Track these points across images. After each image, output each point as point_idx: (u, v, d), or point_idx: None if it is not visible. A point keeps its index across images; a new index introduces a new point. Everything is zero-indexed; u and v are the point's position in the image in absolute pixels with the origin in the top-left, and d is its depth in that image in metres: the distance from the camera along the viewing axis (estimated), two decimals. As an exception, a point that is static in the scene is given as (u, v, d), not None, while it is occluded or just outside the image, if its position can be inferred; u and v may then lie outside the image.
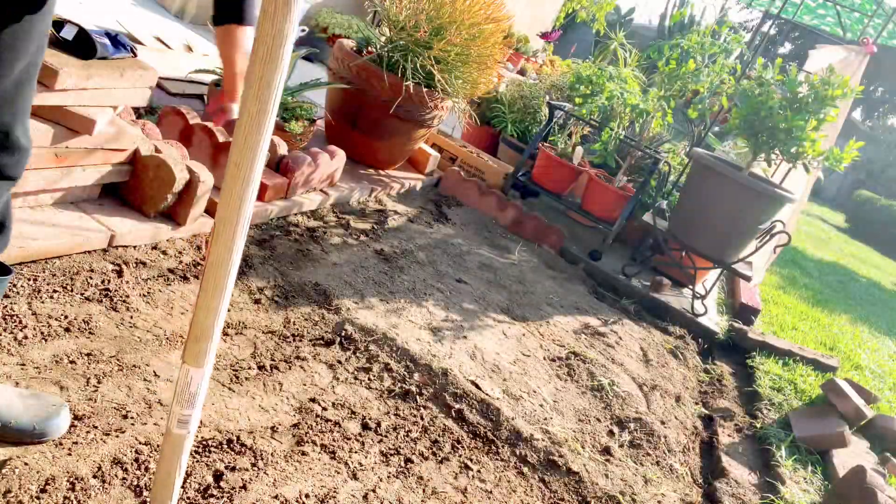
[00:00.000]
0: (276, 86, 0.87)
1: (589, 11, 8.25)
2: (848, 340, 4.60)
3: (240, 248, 0.94)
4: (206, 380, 0.99)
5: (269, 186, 2.48)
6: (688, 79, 4.06)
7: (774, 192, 3.48)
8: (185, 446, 1.02)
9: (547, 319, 2.88)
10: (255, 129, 0.87)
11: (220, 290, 0.94)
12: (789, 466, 2.46)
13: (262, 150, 0.89)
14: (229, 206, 0.89)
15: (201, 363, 0.96)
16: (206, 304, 0.93)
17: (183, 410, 0.98)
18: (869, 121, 26.65)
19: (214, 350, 0.98)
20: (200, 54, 3.87)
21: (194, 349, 0.96)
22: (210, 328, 0.95)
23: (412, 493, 1.57)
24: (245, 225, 0.93)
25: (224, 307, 0.96)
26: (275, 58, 0.86)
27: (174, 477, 1.03)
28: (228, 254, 0.92)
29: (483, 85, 3.52)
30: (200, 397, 0.99)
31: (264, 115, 0.87)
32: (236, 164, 0.88)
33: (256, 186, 0.93)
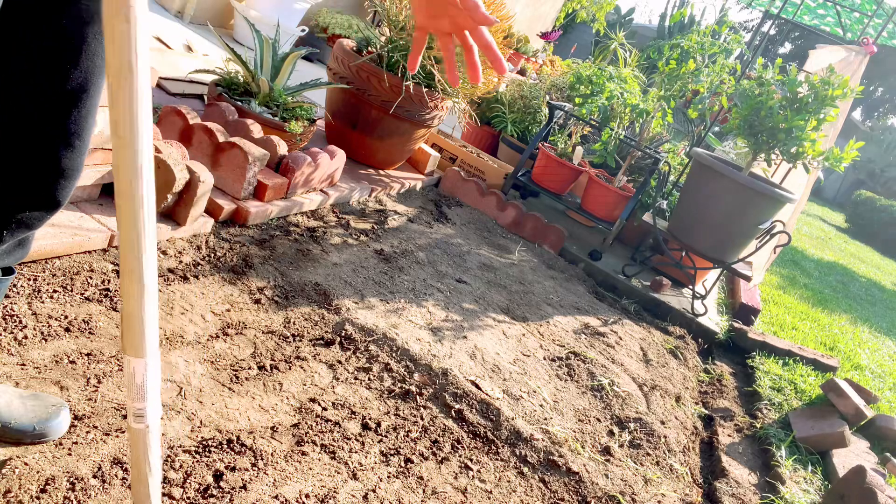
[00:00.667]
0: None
1: (589, 11, 8.25)
2: (848, 340, 4.60)
3: (146, 226, 0.89)
4: (153, 369, 0.95)
5: (268, 186, 2.48)
6: (688, 79, 4.06)
7: (774, 191, 3.48)
8: (149, 441, 0.98)
9: (547, 319, 2.88)
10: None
11: (134, 273, 0.90)
12: (789, 466, 2.46)
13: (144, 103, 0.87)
14: (122, 179, 0.87)
15: (138, 352, 0.93)
16: (125, 289, 0.90)
17: (135, 404, 0.95)
18: (869, 121, 26.66)
19: (152, 338, 0.94)
20: (200, 54, 3.87)
21: (128, 337, 0.93)
22: (136, 313, 0.91)
23: (412, 493, 1.57)
24: (147, 197, 0.88)
25: (147, 291, 0.91)
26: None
27: (146, 474, 1.01)
28: (135, 232, 0.88)
29: (483, 85, 3.51)
30: (150, 388, 0.96)
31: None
32: (118, 133, 0.86)
33: (149, 155, 0.89)
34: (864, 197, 15.53)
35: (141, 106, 0.85)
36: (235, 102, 2.78)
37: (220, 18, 5.31)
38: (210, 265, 2.08)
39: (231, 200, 2.39)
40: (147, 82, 0.85)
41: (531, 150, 4.30)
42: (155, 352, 0.94)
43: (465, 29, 0.92)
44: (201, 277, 2.00)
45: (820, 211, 17.01)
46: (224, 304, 1.93)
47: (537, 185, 4.32)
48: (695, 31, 4.32)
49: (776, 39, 23.44)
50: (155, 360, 0.95)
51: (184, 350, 1.67)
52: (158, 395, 0.96)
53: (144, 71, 0.86)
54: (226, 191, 2.42)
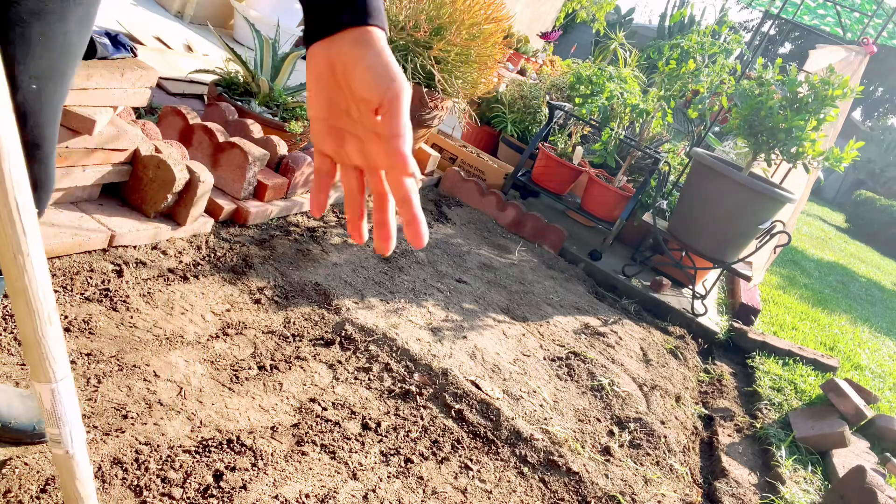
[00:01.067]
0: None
1: (589, 11, 8.25)
2: (848, 340, 4.60)
3: (28, 242, 0.79)
4: (63, 395, 0.87)
5: (268, 186, 2.48)
6: (688, 79, 4.06)
7: (774, 191, 3.48)
8: (74, 467, 0.92)
9: (547, 319, 2.88)
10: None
11: (21, 294, 0.80)
12: (789, 466, 2.46)
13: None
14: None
15: (40, 377, 0.84)
16: (16, 311, 0.81)
17: (50, 429, 0.88)
18: (869, 121, 26.66)
19: (56, 363, 0.85)
20: (200, 54, 3.87)
21: (29, 363, 0.84)
22: (31, 339, 0.82)
23: (412, 493, 1.57)
24: (22, 210, 0.78)
25: (40, 313, 0.82)
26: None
27: (76, 498, 0.96)
28: (10, 253, 0.78)
29: (483, 85, 3.52)
30: (66, 414, 0.88)
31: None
32: None
33: (20, 175, 0.77)
34: (864, 197, 15.53)
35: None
36: (235, 102, 2.78)
37: (220, 18, 5.31)
38: (210, 265, 2.08)
39: (231, 200, 2.39)
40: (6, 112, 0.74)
41: (531, 150, 4.30)
42: (65, 377, 0.86)
43: (378, 168, 0.63)
44: (201, 277, 2.00)
45: (820, 211, 17.01)
46: (224, 304, 1.93)
47: (537, 185, 4.32)
48: (695, 31, 4.32)
49: (776, 39, 23.45)
50: (66, 384, 0.87)
51: (184, 350, 1.67)
52: (78, 419, 0.90)
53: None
54: (226, 191, 2.42)
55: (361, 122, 0.62)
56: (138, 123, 2.18)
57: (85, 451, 0.93)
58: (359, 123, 0.62)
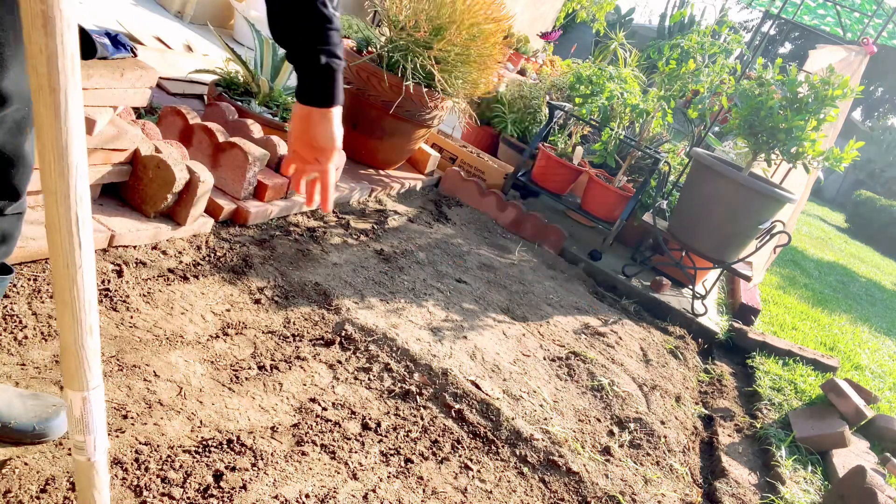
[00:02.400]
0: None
1: (589, 11, 8.25)
2: (848, 340, 4.60)
3: (82, 256, 0.81)
4: (94, 404, 0.89)
5: (268, 186, 2.48)
6: (688, 79, 4.06)
7: (774, 191, 3.48)
8: (93, 475, 0.93)
9: (547, 319, 2.88)
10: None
11: (68, 305, 0.82)
12: (789, 466, 2.46)
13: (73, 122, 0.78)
14: (52, 206, 0.78)
15: (76, 386, 0.86)
16: (60, 321, 0.84)
17: (76, 436, 0.90)
18: (869, 121, 26.66)
19: (90, 372, 0.87)
20: (200, 54, 3.87)
21: (65, 370, 0.86)
22: (71, 348, 0.84)
23: (412, 493, 1.57)
24: (81, 224, 0.80)
25: (83, 324, 0.84)
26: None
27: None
28: (64, 264, 0.80)
29: (483, 85, 3.52)
30: (93, 422, 0.89)
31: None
32: (45, 159, 0.77)
33: (84, 190, 0.80)
34: (864, 197, 15.52)
35: (70, 128, 0.77)
36: (235, 102, 2.78)
37: (220, 18, 5.31)
38: (210, 265, 2.08)
39: (231, 200, 2.39)
40: (77, 102, 0.77)
41: (531, 150, 4.30)
42: (97, 386, 0.89)
43: (319, 167, 1.21)
44: (201, 277, 2.00)
45: (820, 211, 17.01)
46: (224, 304, 1.93)
47: (537, 185, 4.32)
48: (695, 31, 4.32)
49: (776, 39, 23.44)
50: (97, 395, 0.89)
51: (184, 350, 1.67)
52: (104, 430, 0.92)
53: (74, 89, 0.77)
54: (226, 191, 2.42)
55: (313, 151, 1.19)
56: (138, 123, 2.18)
57: (105, 461, 0.94)
58: (311, 149, 1.19)
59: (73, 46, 0.75)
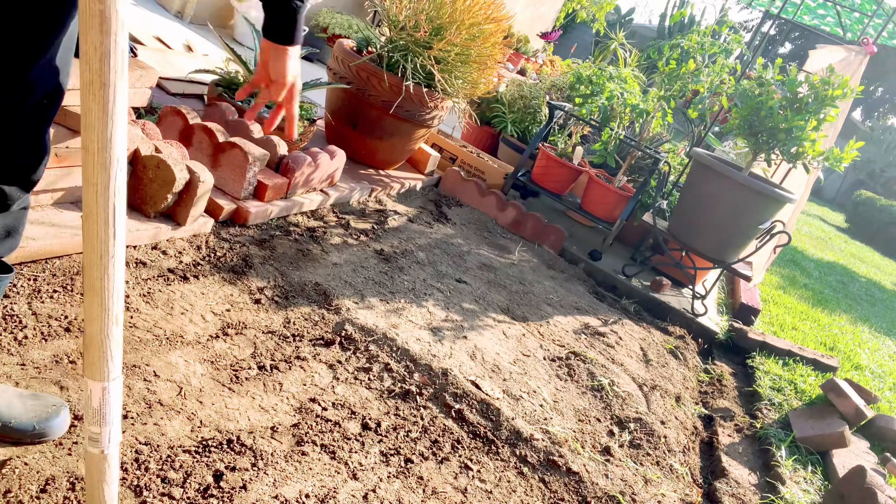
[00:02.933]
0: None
1: (589, 11, 8.25)
2: (848, 340, 4.60)
3: (115, 245, 0.83)
4: (112, 395, 0.89)
5: (269, 186, 2.48)
6: (688, 79, 4.06)
7: (774, 191, 3.48)
8: (105, 468, 0.93)
9: (547, 319, 2.88)
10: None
11: (98, 294, 0.84)
12: (789, 466, 2.46)
13: (118, 119, 0.80)
14: (91, 196, 0.81)
15: (97, 375, 0.87)
16: (87, 309, 0.85)
17: (91, 428, 0.90)
18: (869, 121, 26.66)
19: (112, 362, 0.88)
20: (200, 54, 3.87)
21: (87, 360, 0.87)
22: (96, 337, 0.86)
23: (412, 493, 1.57)
24: (117, 215, 0.83)
25: (111, 313, 0.86)
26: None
27: (100, 499, 0.97)
28: (97, 253, 0.82)
29: (483, 85, 3.52)
30: (110, 414, 0.90)
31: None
32: (89, 148, 0.80)
33: (123, 183, 0.82)
34: (864, 197, 15.52)
35: (116, 122, 0.80)
36: (235, 102, 2.78)
37: (220, 18, 5.31)
38: (210, 265, 2.08)
39: (231, 200, 2.39)
40: (123, 98, 0.81)
41: (531, 150, 4.30)
42: (117, 377, 0.90)
43: (274, 99, 1.36)
44: (201, 277, 2.00)
45: (820, 211, 17.01)
46: (224, 304, 1.93)
47: (537, 185, 4.32)
48: (695, 31, 4.32)
49: (776, 39, 23.44)
50: (116, 386, 0.90)
51: (184, 350, 1.67)
52: (119, 423, 0.92)
53: (122, 86, 0.80)
54: (226, 191, 2.42)
55: (272, 83, 1.35)
56: (138, 123, 2.18)
57: (117, 455, 0.94)
58: (270, 81, 1.35)
59: (125, 45, 0.78)
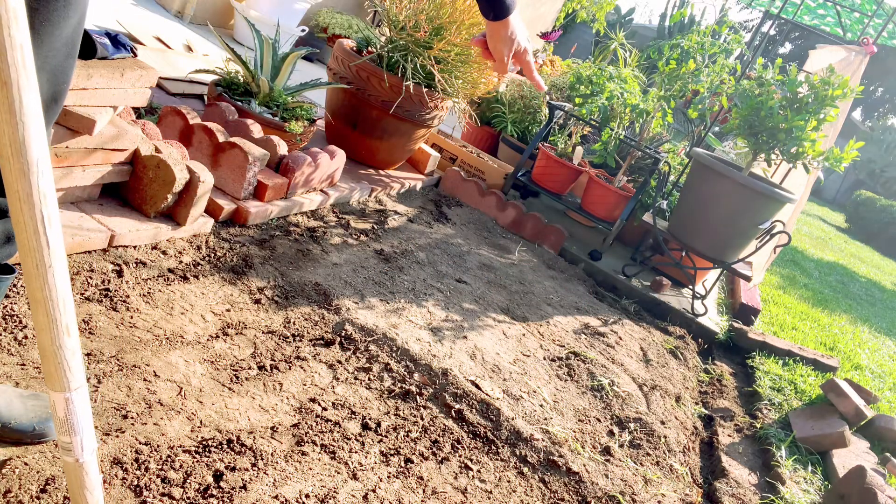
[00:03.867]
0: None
1: (589, 11, 8.25)
2: (848, 340, 4.60)
3: (51, 254, 0.80)
4: (77, 405, 0.87)
5: (269, 186, 2.48)
6: (688, 79, 4.06)
7: (774, 191, 3.48)
8: (83, 476, 0.92)
9: (547, 319, 2.88)
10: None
11: (41, 304, 0.80)
12: (789, 466, 2.46)
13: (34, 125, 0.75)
14: (15, 204, 0.76)
15: (56, 386, 0.85)
16: (35, 321, 0.82)
17: (62, 437, 0.88)
18: (869, 121, 26.66)
19: (71, 372, 0.85)
20: (200, 54, 3.87)
21: (45, 371, 0.85)
22: (48, 348, 0.83)
23: (412, 493, 1.57)
24: (48, 222, 0.79)
25: (59, 323, 0.82)
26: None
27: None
28: (33, 263, 0.78)
29: (483, 85, 3.52)
30: (78, 423, 0.88)
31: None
32: (6, 155, 0.75)
33: (48, 187, 0.78)
34: (864, 197, 15.52)
35: (27, 124, 0.75)
36: (235, 102, 2.78)
37: (220, 18, 5.31)
38: (210, 265, 2.08)
39: (231, 200, 2.39)
40: (32, 96, 0.75)
41: (531, 150, 4.30)
42: (80, 386, 0.87)
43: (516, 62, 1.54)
44: (201, 277, 2.00)
45: (820, 211, 17.01)
46: (224, 304, 1.93)
47: (537, 185, 4.32)
48: (695, 31, 4.32)
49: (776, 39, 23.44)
50: (81, 394, 0.87)
51: (184, 350, 1.67)
52: (90, 429, 0.91)
53: (26, 83, 0.74)
54: (226, 191, 2.42)
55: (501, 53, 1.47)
56: (138, 123, 2.18)
57: (95, 461, 0.93)
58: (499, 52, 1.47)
59: (22, 37, 0.73)
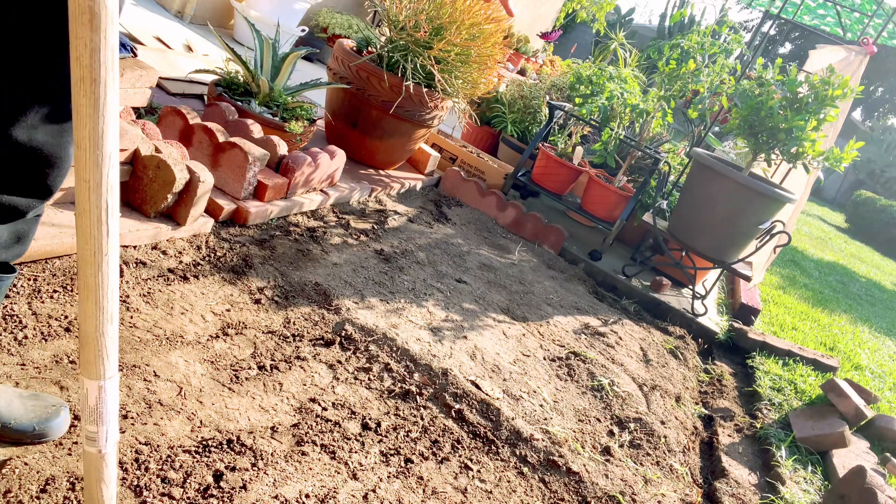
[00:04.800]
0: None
1: (589, 11, 8.25)
2: (848, 340, 4.60)
3: (109, 243, 0.83)
4: (108, 393, 0.89)
5: (269, 186, 2.48)
6: (688, 79, 4.06)
7: (774, 192, 3.48)
8: (102, 468, 0.93)
9: (547, 319, 2.88)
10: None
11: (92, 291, 0.84)
12: (789, 466, 2.46)
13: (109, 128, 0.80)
14: (83, 193, 0.80)
15: (93, 374, 0.87)
16: (82, 307, 0.85)
17: (88, 426, 0.90)
18: (869, 121, 26.66)
19: (108, 360, 0.88)
20: (200, 54, 3.87)
21: (83, 358, 0.87)
22: (91, 335, 0.86)
23: (412, 493, 1.57)
24: (110, 212, 0.82)
25: (105, 311, 0.86)
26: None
27: (98, 499, 0.97)
28: (91, 250, 0.82)
29: (483, 85, 3.52)
30: (106, 413, 0.90)
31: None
32: (80, 144, 0.79)
33: (115, 179, 0.82)
34: (864, 197, 15.52)
35: (107, 119, 0.80)
36: (235, 102, 2.78)
37: (220, 18, 5.31)
38: (210, 265, 2.08)
39: (231, 200, 2.39)
40: (115, 94, 0.81)
41: (531, 150, 4.30)
42: (114, 375, 0.89)
43: None
44: (201, 277, 2.00)
45: (820, 211, 17.01)
46: (224, 304, 1.93)
47: (537, 185, 4.32)
48: (695, 31, 4.32)
49: (776, 39, 23.44)
50: (113, 385, 0.90)
51: (184, 350, 1.67)
52: (116, 422, 0.92)
53: (113, 82, 0.80)
54: (226, 191, 2.42)
55: None
56: (138, 123, 2.18)
57: (115, 454, 0.93)
58: None
59: (115, 40, 0.78)
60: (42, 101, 1.03)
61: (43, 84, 1.01)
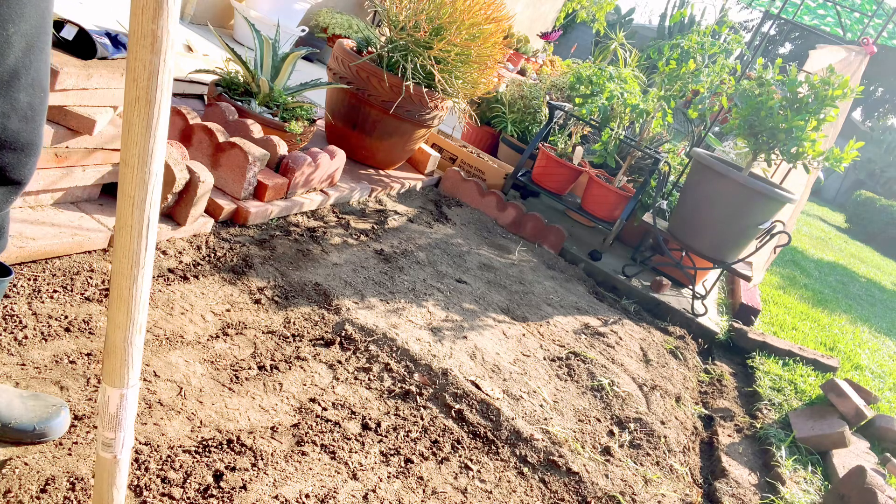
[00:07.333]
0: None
1: (589, 11, 8.25)
2: (848, 340, 4.60)
3: (146, 257, 0.85)
4: (129, 401, 0.91)
5: (269, 186, 2.48)
6: (688, 79, 4.06)
7: (774, 192, 3.48)
8: (115, 472, 0.94)
9: (547, 319, 2.88)
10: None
11: (125, 303, 0.85)
12: (789, 466, 2.46)
13: (158, 135, 0.82)
14: (126, 208, 0.82)
15: (116, 382, 0.89)
16: (112, 317, 0.86)
17: (105, 433, 0.91)
18: (869, 121, 26.66)
19: (133, 370, 0.90)
20: (201, 54, 3.87)
21: (107, 367, 0.89)
22: (119, 344, 0.87)
23: (412, 494, 1.57)
24: (151, 227, 0.85)
25: (136, 322, 0.87)
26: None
27: (108, 503, 0.98)
28: (128, 263, 0.84)
29: (483, 85, 3.52)
30: (125, 420, 0.91)
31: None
32: (129, 162, 0.81)
33: (158, 196, 0.84)
34: (864, 197, 15.52)
35: (157, 138, 0.82)
36: (235, 102, 2.78)
37: (220, 18, 5.31)
38: (210, 265, 2.08)
39: (231, 200, 2.39)
40: (166, 115, 0.83)
41: (531, 150, 4.30)
42: (135, 384, 0.91)
43: None
44: (201, 277, 2.00)
45: (820, 211, 17.01)
46: (224, 304, 1.93)
47: (537, 185, 4.32)
48: (695, 32, 4.32)
49: (776, 39, 23.45)
50: (134, 392, 0.91)
51: (184, 350, 1.67)
52: (132, 428, 0.93)
53: (166, 103, 0.82)
54: (226, 191, 2.42)
55: None
56: (138, 123, 2.17)
57: (128, 460, 0.94)
58: None
59: (171, 64, 0.80)
60: (13, 89, 1.01)
61: (15, 74, 1.00)
